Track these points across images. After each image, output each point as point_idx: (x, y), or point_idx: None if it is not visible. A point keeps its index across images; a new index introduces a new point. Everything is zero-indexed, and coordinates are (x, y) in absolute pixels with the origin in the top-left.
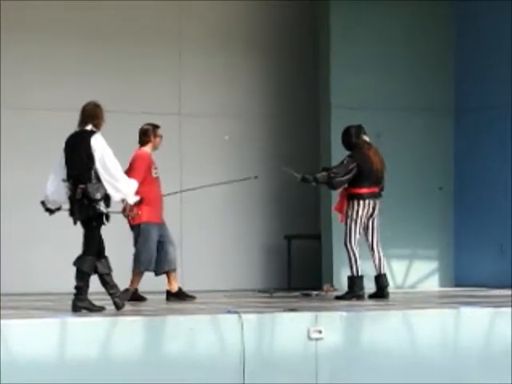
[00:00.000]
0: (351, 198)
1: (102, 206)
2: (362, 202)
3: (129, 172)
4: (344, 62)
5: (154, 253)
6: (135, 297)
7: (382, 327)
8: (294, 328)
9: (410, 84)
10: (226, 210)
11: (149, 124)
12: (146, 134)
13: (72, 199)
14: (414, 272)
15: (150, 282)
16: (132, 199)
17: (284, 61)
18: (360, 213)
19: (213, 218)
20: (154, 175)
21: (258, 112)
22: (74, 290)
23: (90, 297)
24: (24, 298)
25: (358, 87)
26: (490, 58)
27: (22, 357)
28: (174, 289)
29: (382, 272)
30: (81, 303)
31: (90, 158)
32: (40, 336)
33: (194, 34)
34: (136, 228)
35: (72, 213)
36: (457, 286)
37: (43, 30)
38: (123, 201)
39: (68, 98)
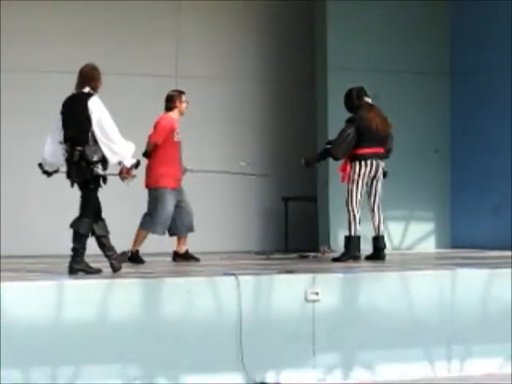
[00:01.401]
0: (353, 158)
1: (99, 169)
2: (363, 163)
3: (151, 134)
4: (340, 24)
5: (169, 218)
6: (136, 259)
7: (378, 288)
8: (291, 290)
9: (406, 46)
10: (223, 173)
11: (174, 90)
12: (172, 100)
13: (69, 161)
14: (411, 234)
15: (148, 244)
16: (129, 162)
17: (280, 23)
18: (362, 173)
19: (209, 180)
20: (176, 140)
21: (255, 75)
22: (70, 253)
23: (86, 259)
24: (21, 260)
25: (354, 49)
26: (486, 20)
27: (19, 319)
28: (182, 250)
29: (380, 234)
30: (77, 265)
31: (87, 120)
32: (37, 298)
33: None
34: (153, 191)
35: (69, 175)
36: (453, 247)
37: None
38: (120, 163)
39: (65, 60)
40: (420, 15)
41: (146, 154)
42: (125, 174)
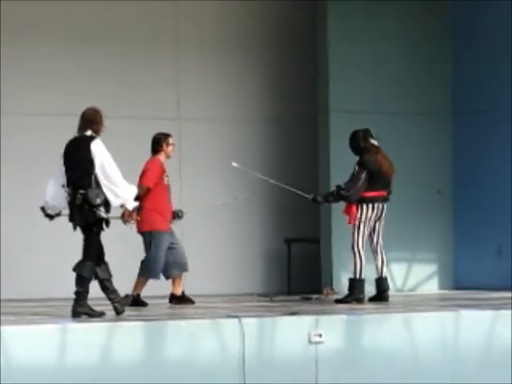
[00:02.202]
0: (361, 201)
1: (102, 212)
2: (370, 206)
3: (140, 178)
4: (342, 66)
5: (162, 262)
6: (137, 302)
7: (382, 330)
8: (295, 332)
9: (408, 88)
10: (226, 213)
11: (160, 133)
12: (158, 143)
13: (72, 205)
14: (414, 275)
15: (149, 287)
16: (131, 205)
17: (282, 64)
18: (370, 216)
19: (213, 221)
20: (166, 183)
21: (257, 116)
22: (73, 296)
23: (89, 302)
24: (24, 304)
25: (355, 91)
26: (487, 62)
27: (23, 363)
28: (178, 292)
29: (383, 275)
30: (81, 309)
31: (89, 164)
32: (40, 342)
33: (191, 37)
34: (147, 235)
35: (72, 218)
36: (456, 288)
37: (39, 34)
38: (122, 206)
39: (65, 104)
40: (421, 56)
41: (137, 198)
42: (127, 217)
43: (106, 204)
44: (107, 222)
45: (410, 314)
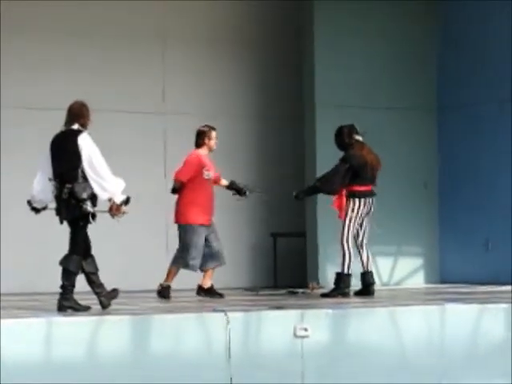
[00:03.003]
0: (350, 196)
1: (88, 206)
2: (361, 200)
3: (175, 172)
4: (328, 61)
5: (199, 254)
6: (163, 293)
7: (367, 324)
8: (280, 326)
9: (394, 83)
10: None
11: (205, 126)
12: (201, 136)
13: (58, 199)
14: (400, 269)
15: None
16: (119, 198)
17: (268, 60)
18: (359, 211)
19: None
20: (206, 177)
21: (243, 111)
22: (59, 290)
23: (76, 296)
24: (9, 297)
25: (341, 85)
26: (472, 56)
27: (8, 357)
28: (207, 285)
29: (369, 269)
30: (66, 302)
31: (77, 157)
32: (25, 336)
33: (178, 32)
34: (181, 227)
35: (58, 212)
36: (442, 282)
37: (30, 27)
38: (110, 200)
39: (53, 97)
40: (408, 52)
41: (174, 191)
42: (115, 210)
43: (93, 198)
44: (94, 216)
45: (395, 307)
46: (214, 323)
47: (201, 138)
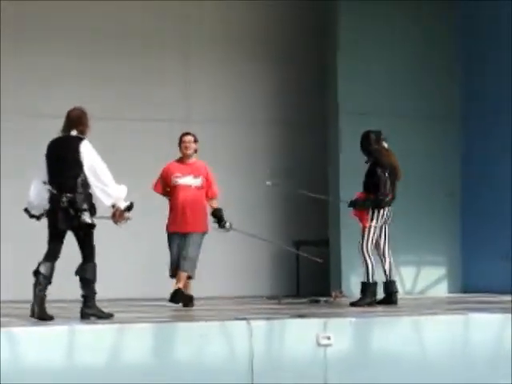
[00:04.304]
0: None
1: (86, 217)
2: (385, 209)
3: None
4: (351, 68)
5: (174, 261)
6: (174, 296)
7: (391, 333)
8: (303, 334)
9: (419, 91)
10: (234, 216)
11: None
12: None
13: (55, 206)
14: (423, 278)
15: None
16: (123, 204)
17: (292, 66)
18: (381, 219)
19: None
20: (174, 184)
21: (266, 118)
22: (81, 298)
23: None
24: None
25: (365, 93)
26: (498, 64)
27: (31, 365)
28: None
29: (392, 278)
30: (89, 310)
31: (78, 166)
32: (49, 343)
33: (201, 39)
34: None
35: (54, 220)
36: (465, 291)
37: (48, 35)
38: (113, 206)
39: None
40: (431, 60)
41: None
42: (118, 217)
43: (91, 208)
44: (92, 227)
45: (419, 316)
46: (237, 331)
47: (178, 145)
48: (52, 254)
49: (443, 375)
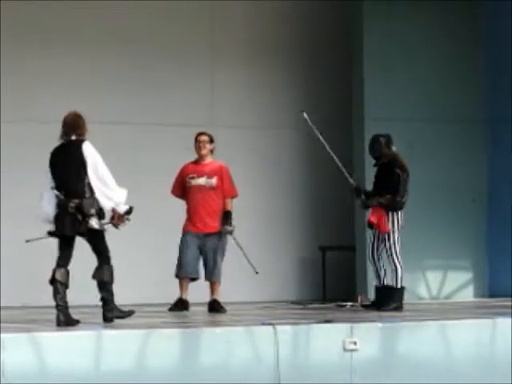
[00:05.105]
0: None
1: (94, 222)
2: (403, 212)
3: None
4: (376, 74)
5: (188, 262)
6: (176, 304)
7: (417, 338)
8: (329, 339)
9: (444, 94)
10: (260, 221)
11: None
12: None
13: (63, 211)
14: (449, 283)
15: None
16: (123, 208)
17: (316, 73)
18: (401, 221)
19: (247, 229)
20: (188, 185)
21: (291, 124)
22: (100, 302)
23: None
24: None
25: (389, 98)
26: None
27: (59, 369)
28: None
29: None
30: (110, 313)
31: (83, 168)
32: (76, 348)
33: (226, 45)
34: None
35: (62, 225)
36: (491, 296)
37: (64, 41)
38: (113, 210)
39: (99, 111)
40: (457, 64)
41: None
42: (117, 220)
43: (99, 213)
44: (99, 231)
45: (445, 321)
46: (263, 336)
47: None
48: (63, 259)
49: (470, 380)
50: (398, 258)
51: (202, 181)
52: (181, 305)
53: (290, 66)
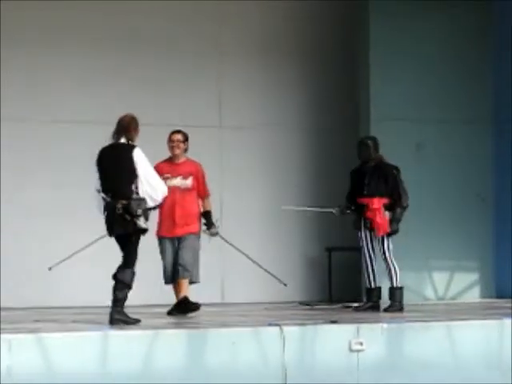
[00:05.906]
0: (388, 208)
1: (142, 222)
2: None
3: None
4: (383, 75)
5: (168, 267)
6: (179, 305)
7: (424, 339)
8: (336, 340)
9: (450, 95)
10: (266, 221)
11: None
12: None
13: (111, 214)
14: (456, 283)
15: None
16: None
17: (323, 73)
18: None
19: (253, 229)
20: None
21: (298, 124)
22: (111, 303)
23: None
24: (64, 310)
25: (397, 98)
26: None
27: (64, 370)
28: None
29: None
30: (118, 315)
31: (132, 173)
32: (82, 349)
33: (233, 45)
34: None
35: (110, 227)
36: (498, 297)
37: (77, 40)
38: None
39: (104, 111)
40: (464, 65)
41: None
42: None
43: (145, 213)
44: (145, 231)
45: (451, 322)
46: (270, 337)
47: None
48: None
49: (476, 380)
50: (391, 259)
51: (176, 182)
52: (179, 306)
53: (296, 66)
